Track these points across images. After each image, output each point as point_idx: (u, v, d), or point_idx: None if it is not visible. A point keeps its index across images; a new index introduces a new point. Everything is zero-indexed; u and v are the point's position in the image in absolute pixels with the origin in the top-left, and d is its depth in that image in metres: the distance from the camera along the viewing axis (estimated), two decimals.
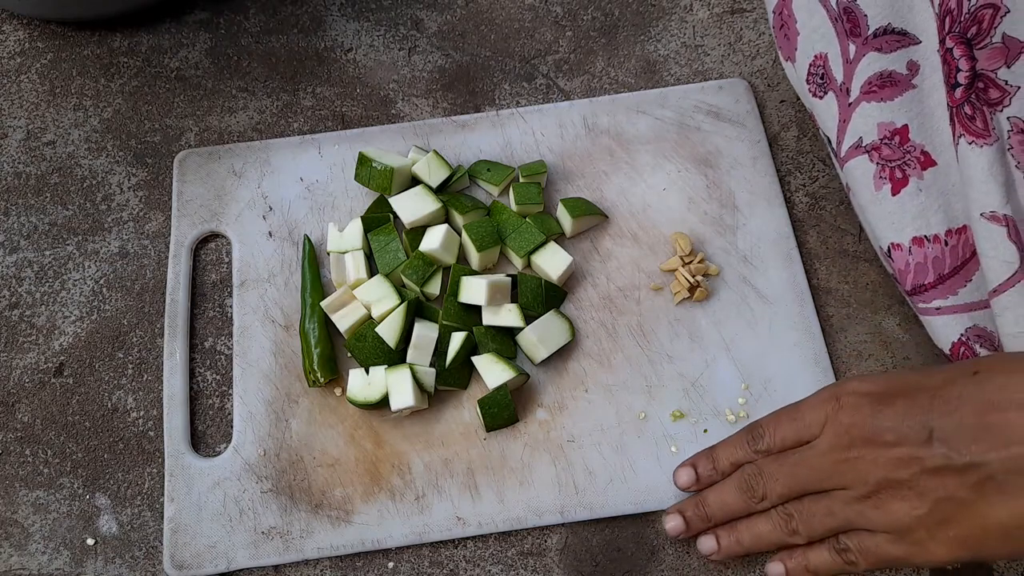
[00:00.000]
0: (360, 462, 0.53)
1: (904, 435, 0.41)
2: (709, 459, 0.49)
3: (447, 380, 0.54)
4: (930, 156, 0.48)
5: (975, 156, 0.44)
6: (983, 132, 0.44)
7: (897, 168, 0.49)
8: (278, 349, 0.56)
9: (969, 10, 0.43)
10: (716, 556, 0.48)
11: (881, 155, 0.49)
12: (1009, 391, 0.38)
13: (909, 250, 0.49)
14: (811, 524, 0.44)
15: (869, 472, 0.42)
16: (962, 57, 0.44)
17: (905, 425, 0.41)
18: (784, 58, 0.54)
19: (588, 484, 0.52)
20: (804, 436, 0.45)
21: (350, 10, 0.69)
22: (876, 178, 0.49)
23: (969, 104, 0.44)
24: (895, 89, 0.49)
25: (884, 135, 0.49)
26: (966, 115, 0.44)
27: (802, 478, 0.44)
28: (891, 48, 0.49)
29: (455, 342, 0.53)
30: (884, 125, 0.49)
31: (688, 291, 0.56)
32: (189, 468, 0.53)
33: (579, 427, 0.54)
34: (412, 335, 0.53)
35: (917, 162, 0.49)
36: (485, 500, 0.52)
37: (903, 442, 0.41)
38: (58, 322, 0.59)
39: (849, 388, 0.44)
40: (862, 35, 0.49)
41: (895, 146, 0.49)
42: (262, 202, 0.61)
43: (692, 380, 0.55)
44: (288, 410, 0.55)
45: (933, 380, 0.42)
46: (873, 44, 0.49)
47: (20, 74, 0.68)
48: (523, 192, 0.58)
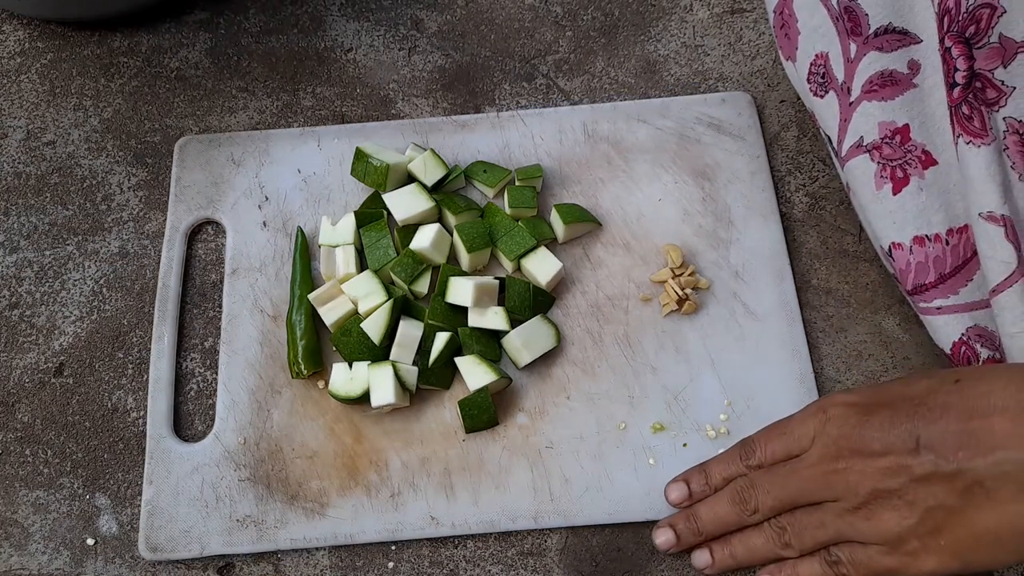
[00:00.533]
0: (338, 456, 0.53)
1: (891, 444, 0.41)
2: (702, 474, 0.50)
3: (430, 379, 0.54)
4: (931, 155, 0.48)
5: (972, 156, 0.44)
6: (980, 132, 0.44)
7: (898, 167, 0.49)
8: (265, 339, 0.57)
9: (967, 9, 0.43)
10: (710, 570, 0.48)
11: (882, 154, 0.49)
12: (991, 397, 0.38)
13: (910, 249, 0.49)
14: (803, 537, 0.44)
15: (859, 483, 0.42)
16: (960, 56, 0.44)
17: (892, 434, 0.41)
18: (785, 58, 0.54)
19: (564, 491, 0.52)
20: (794, 450, 0.45)
21: (350, 10, 0.69)
22: (877, 177, 0.49)
23: (967, 104, 0.44)
24: (896, 88, 0.49)
25: (885, 134, 0.49)
26: (964, 115, 0.44)
27: (793, 490, 0.44)
28: (892, 47, 0.49)
29: (439, 342, 0.53)
30: (885, 124, 0.49)
31: (677, 303, 0.56)
32: (170, 452, 0.54)
33: (559, 434, 0.53)
34: (397, 333, 0.53)
35: (918, 161, 0.49)
36: (460, 501, 0.52)
37: (890, 451, 0.41)
38: (58, 322, 0.59)
39: (836, 400, 0.44)
40: (863, 34, 0.49)
41: (896, 145, 0.49)
42: (258, 191, 0.61)
43: (675, 393, 0.54)
44: (271, 400, 0.55)
45: (916, 389, 0.42)
46: (874, 43, 0.49)
47: (20, 74, 0.68)
48: (517, 195, 0.58)
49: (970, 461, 0.38)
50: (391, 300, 0.54)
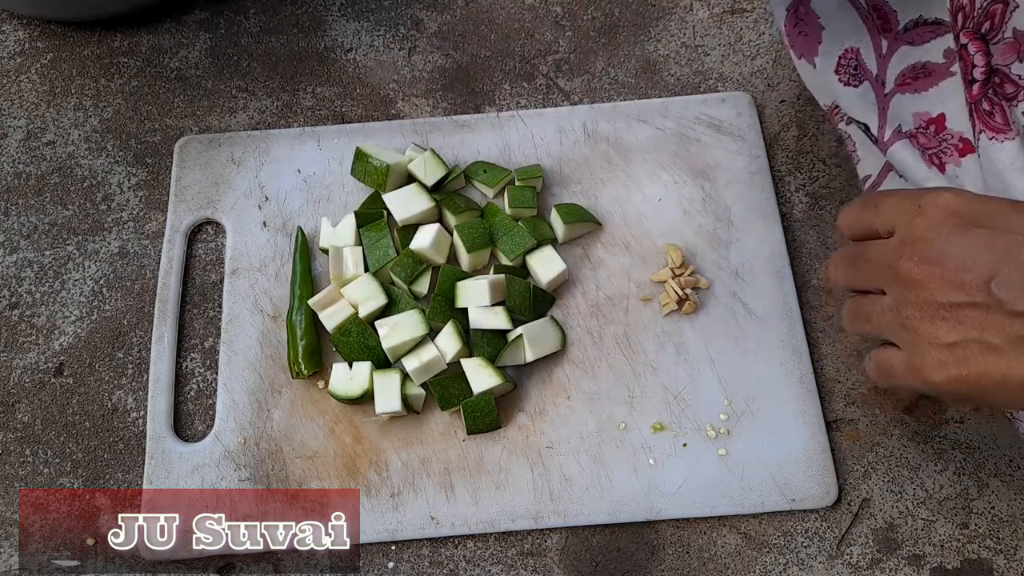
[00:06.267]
0: (338, 456, 0.53)
1: (966, 266, 0.38)
2: None
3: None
4: (970, 143, 0.48)
5: (997, 151, 0.44)
6: (1003, 127, 0.44)
7: (934, 155, 0.49)
8: (265, 339, 0.57)
9: (981, 5, 0.43)
10: None
11: (919, 143, 0.49)
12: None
13: None
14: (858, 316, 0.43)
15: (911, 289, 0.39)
16: (977, 53, 0.44)
17: (973, 257, 0.38)
18: (798, 56, 0.54)
19: (564, 491, 0.52)
20: (879, 228, 0.42)
21: (350, 10, 0.69)
22: (923, 160, 0.50)
23: (987, 100, 0.44)
24: (929, 80, 0.49)
25: (920, 124, 0.49)
26: (984, 111, 0.44)
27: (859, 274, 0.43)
28: (923, 40, 0.49)
29: (447, 342, 0.54)
30: (919, 115, 0.49)
31: (677, 303, 0.56)
32: (170, 452, 0.54)
33: (559, 434, 0.53)
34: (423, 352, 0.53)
35: (955, 149, 0.48)
36: (460, 501, 0.52)
37: (964, 272, 0.38)
38: (58, 322, 0.59)
39: (938, 201, 0.40)
40: (893, 30, 0.49)
41: (931, 135, 0.49)
42: (258, 192, 0.61)
43: (675, 393, 0.54)
44: (271, 400, 0.55)
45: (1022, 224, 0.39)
46: (904, 39, 0.49)
47: (20, 74, 0.68)
48: (518, 195, 0.58)
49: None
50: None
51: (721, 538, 0.52)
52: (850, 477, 0.53)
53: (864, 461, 0.54)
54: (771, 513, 0.52)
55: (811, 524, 0.52)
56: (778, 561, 0.52)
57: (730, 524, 0.52)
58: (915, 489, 0.53)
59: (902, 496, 0.53)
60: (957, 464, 0.54)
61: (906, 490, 0.53)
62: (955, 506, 0.53)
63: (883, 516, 0.53)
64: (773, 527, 0.52)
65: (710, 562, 0.52)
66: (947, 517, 0.52)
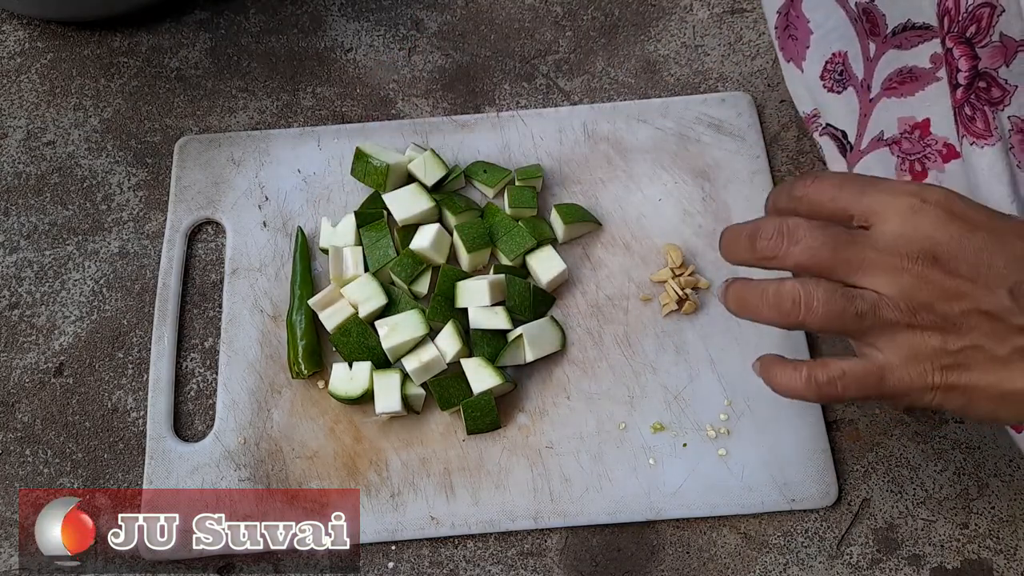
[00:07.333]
0: (338, 456, 0.53)
1: (978, 272, 0.36)
2: None
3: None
4: (954, 148, 0.48)
5: (978, 156, 0.44)
6: (984, 132, 0.44)
7: (916, 161, 0.49)
8: (265, 339, 0.57)
9: (967, 9, 0.43)
10: (720, 297, 0.43)
11: (901, 148, 0.50)
12: None
13: None
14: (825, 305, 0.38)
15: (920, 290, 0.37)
16: (962, 57, 0.44)
17: (985, 264, 0.36)
18: (786, 59, 0.54)
19: (564, 491, 0.52)
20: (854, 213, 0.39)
21: (350, 10, 0.69)
22: (898, 171, 0.50)
23: (969, 105, 0.44)
24: (916, 84, 0.49)
25: (904, 129, 0.49)
26: (967, 116, 0.44)
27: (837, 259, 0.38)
28: (911, 44, 0.49)
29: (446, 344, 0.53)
30: (904, 120, 0.49)
31: (677, 303, 0.56)
32: (170, 453, 0.54)
33: (558, 434, 0.53)
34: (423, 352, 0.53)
35: (939, 155, 0.49)
36: (460, 501, 0.52)
37: (975, 277, 0.36)
38: (58, 322, 0.59)
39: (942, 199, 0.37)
40: (881, 34, 0.50)
41: (915, 140, 0.49)
42: (258, 191, 0.61)
43: (675, 393, 0.54)
44: (271, 400, 0.55)
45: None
46: (892, 42, 0.49)
47: (20, 74, 0.68)
48: (518, 196, 0.58)
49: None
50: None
51: (721, 538, 0.52)
52: (850, 477, 0.53)
53: (864, 461, 0.54)
54: (771, 513, 0.52)
55: (811, 524, 0.52)
56: (778, 561, 0.52)
57: (730, 524, 0.52)
58: (915, 489, 0.53)
59: (902, 496, 0.53)
60: (957, 464, 0.54)
61: (906, 490, 0.53)
62: (955, 506, 0.53)
63: (883, 516, 0.53)
64: (773, 527, 0.52)
65: (710, 562, 0.52)
66: (947, 517, 0.52)
